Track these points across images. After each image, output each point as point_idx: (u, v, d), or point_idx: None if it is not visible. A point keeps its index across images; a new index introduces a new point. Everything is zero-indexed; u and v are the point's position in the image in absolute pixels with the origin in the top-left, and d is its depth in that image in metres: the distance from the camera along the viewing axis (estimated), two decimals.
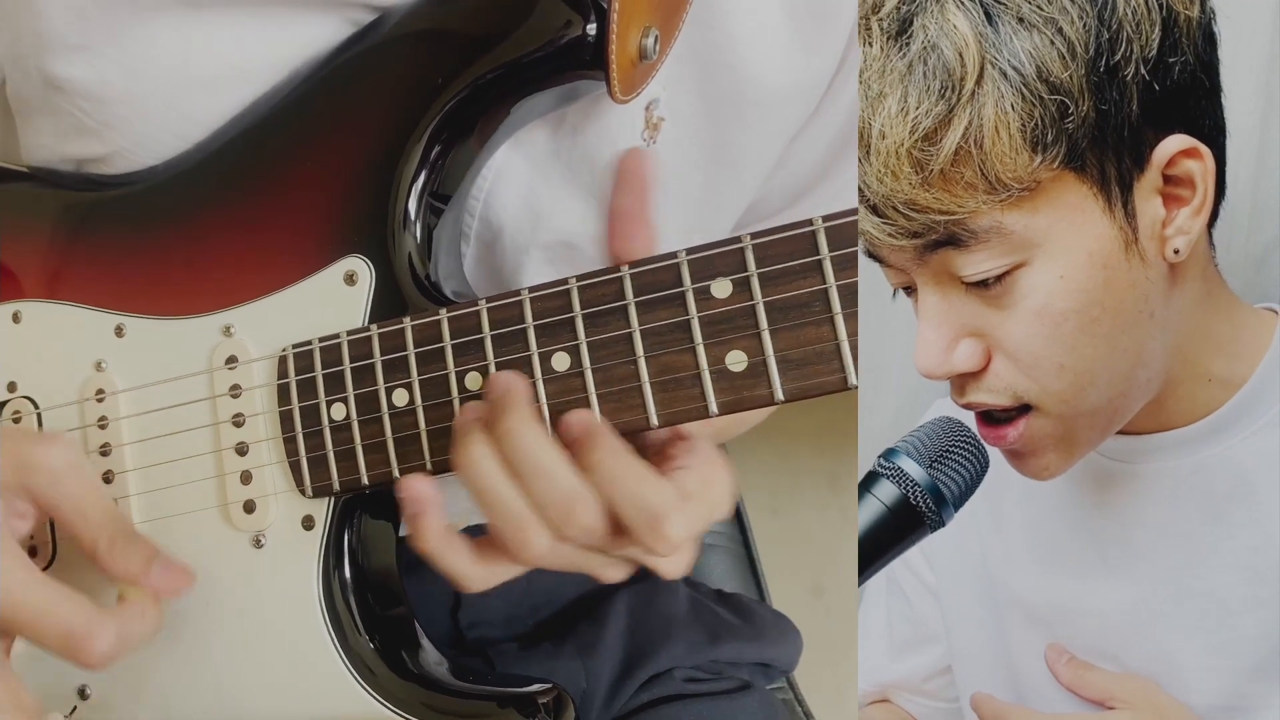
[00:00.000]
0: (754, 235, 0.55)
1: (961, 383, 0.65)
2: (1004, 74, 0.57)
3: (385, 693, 0.61)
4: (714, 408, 0.55)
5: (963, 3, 0.59)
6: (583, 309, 0.57)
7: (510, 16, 0.61)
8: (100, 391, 0.65)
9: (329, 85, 0.64)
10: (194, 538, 0.63)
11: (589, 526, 0.54)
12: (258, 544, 0.63)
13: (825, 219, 0.54)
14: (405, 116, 0.62)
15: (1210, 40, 0.62)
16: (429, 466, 0.59)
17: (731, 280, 0.55)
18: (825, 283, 0.54)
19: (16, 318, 0.67)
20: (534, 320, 0.58)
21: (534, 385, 0.57)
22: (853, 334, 0.53)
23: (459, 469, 0.56)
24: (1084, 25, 0.58)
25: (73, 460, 0.60)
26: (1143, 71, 0.59)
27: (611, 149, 0.67)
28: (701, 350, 0.55)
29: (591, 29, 0.59)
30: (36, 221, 0.68)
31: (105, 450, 0.65)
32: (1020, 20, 0.58)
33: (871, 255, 0.66)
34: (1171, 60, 0.60)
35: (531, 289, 0.58)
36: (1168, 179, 0.61)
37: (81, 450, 0.64)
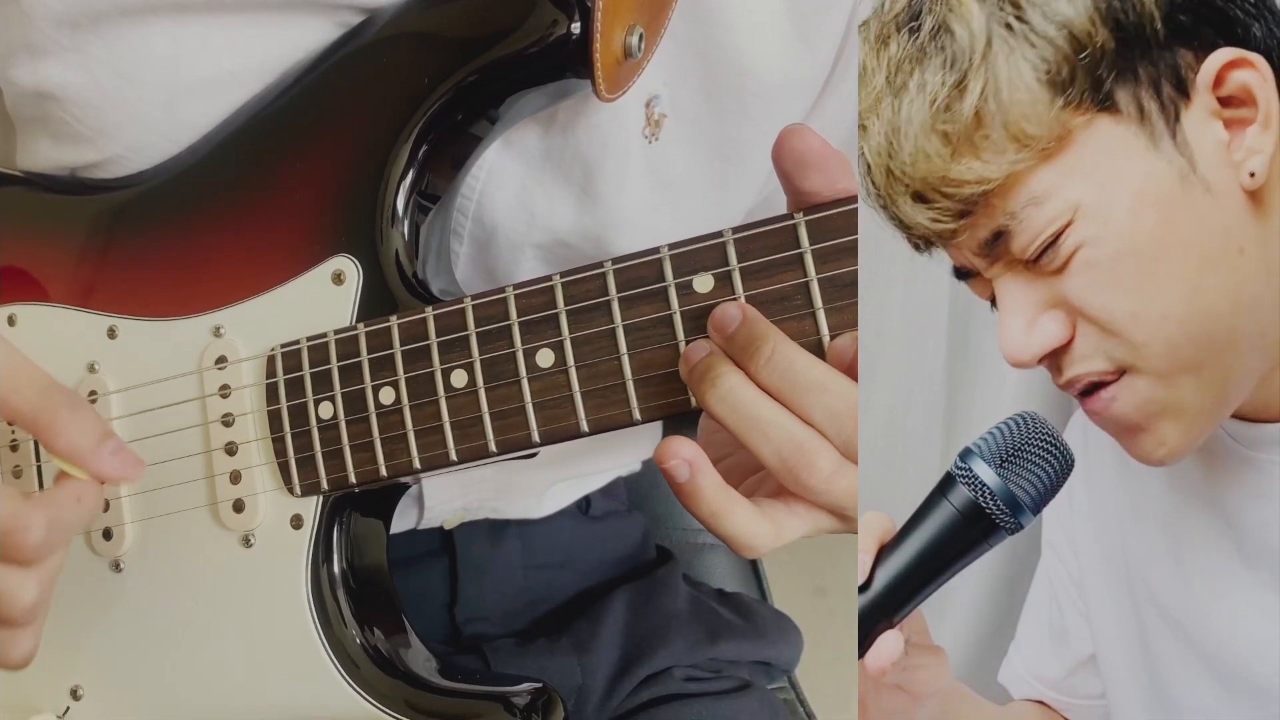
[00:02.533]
0: (735, 230, 0.55)
1: (1056, 362, 0.62)
2: (1009, 27, 0.56)
3: (371, 690, 0.61)
4: (695, 402, 0.55)
5: None
6: (566, 305, 0.57)
7: (498, 17, 0.61)
8: (93, 393, 0.65)
9: (318, 87, 0.64)
10: (184, 537, 0.64)
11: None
12: (247, 543, 0.63)
13: (806, 212, 0.54)
14: (393, 116, 0.62)
15: None
16: (416, 464, 0.60)
17: (714, 275, 0.55)
18: (807, 276, 0.54)
19: (12, 320, 0.68)
20: (518, 317, 0.58)
21: (519, 384, 0.57)
22: (848, 327, 0.54)
23: (715, 407, 0.53)
24: None
25: None
26: None
27: (603, 147, 0.67)
28: (684, 345, 0.55)
29: (576, 28, 0.60)
30: (31, 225, 0.68)
31: None
32: None
33: (960, 273, 0.64)
34: None
35: (516, 286, 0.58)
36: (1223, 101, 0.57)
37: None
